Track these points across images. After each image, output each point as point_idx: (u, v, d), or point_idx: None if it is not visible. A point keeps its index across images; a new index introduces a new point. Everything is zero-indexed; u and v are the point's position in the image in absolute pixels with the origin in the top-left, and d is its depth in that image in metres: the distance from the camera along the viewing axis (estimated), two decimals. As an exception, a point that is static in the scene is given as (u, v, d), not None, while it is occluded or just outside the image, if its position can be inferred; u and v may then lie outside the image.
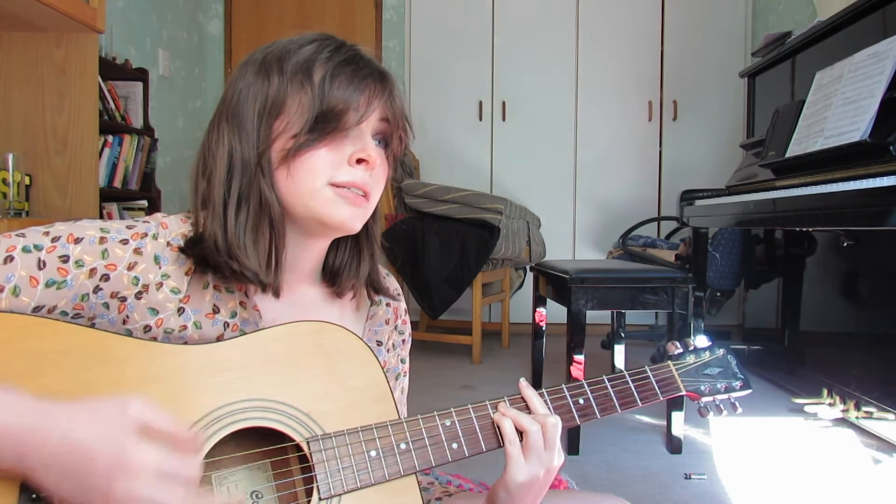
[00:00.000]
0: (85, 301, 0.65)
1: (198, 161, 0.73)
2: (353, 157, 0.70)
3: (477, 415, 0.74)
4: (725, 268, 3.04)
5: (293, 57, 0.70)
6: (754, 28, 3.93)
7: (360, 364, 0.72)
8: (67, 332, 0.61)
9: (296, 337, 0.70)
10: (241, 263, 0.68)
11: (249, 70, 0.72)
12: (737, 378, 0.88)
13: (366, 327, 0.85)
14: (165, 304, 0.68)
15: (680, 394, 0.85)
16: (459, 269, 3.03)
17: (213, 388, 0.64)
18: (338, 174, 0.70)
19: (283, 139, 0.69)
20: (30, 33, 2.26)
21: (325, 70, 0.70)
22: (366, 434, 0.68)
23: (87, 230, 0.66)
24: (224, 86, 2.66)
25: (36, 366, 0.58)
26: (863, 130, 1.80)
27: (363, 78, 0.70)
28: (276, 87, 0.70)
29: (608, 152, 4.01)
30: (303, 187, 0.69)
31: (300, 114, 0.69)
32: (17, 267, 0.62)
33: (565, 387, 0.79)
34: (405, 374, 0.91)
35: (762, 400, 2.50)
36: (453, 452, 0.71)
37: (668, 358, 0.88)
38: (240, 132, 0.70)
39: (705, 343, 0.90)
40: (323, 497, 0.65)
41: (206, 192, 0.71)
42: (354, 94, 0.69)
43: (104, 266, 0.65)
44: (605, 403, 0.79)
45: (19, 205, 2.20)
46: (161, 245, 0.69)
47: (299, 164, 0.69)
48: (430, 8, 4.06)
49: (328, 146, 0.69)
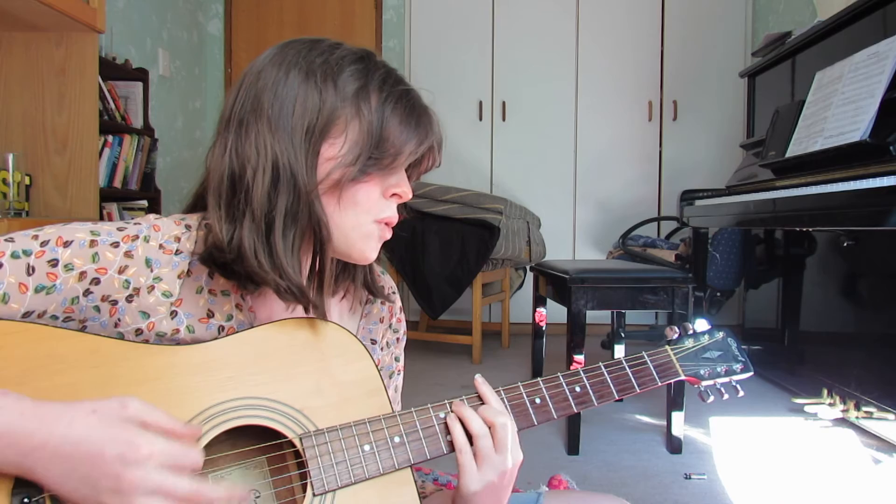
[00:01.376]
0: (75, 304, 0.64)
1: (224, 166, 0.68)
2: (388, 190, 0.72)
3: (471, 406, 0.74)
4: (725, 268, 3.04)
5: (346, 74, 0.68)
6: (754, 28, 3.93)
7: (353, 359, 0.72)
8: (57, 337, 0.61)
9: (287, 334, 0.70)
10: (290, 281, 0.67)
11: (294, 76, 0.68)
12: (737, 361, 0.86)
13: (360, 326, 0.85)
14: (157, 307, 0.67)
15: (679, 378, 0.83)
16: (459, 269, 3.03)
17: (205, 388, 0.64)
18: (381, 211, 0.71)
19: (334, 166, 0.67)
20: (30, 33, 2.26)
21: (380, 99, 0.69)
22: (359, 428, 0.68)
23: (76, 233, 0.65)
24: (225, 85, 2.66)
25: (27, 371, 0.58)
26: (863, 130, 1.80)
27: (419, 118, 0.71)
28: (331, 104, 0.67)
29: (608, 152, 4.01)
30: (347, 218, 0.70)
31: (354, 143, 0.68)
32: (6, 273, 0.61)
33: (541, 380, 0.78)
34: (399, 372, 0.91)
35: (762, 400, 2.50)
36: (448, 445, 0.71)
37: (666, 342, 0.86)
38: (286, 144, 0.66)
39: (705, 326, 0.88)
40: (317, 493, 0.65)
41: (241, 202, 0.67)
42: (411, 136, 0.70)
43: (94, 270, 0.64)
44: (602, 390, 0.78)
45: (19, 205, 2.20)
46: (153, 248, 0.67)
47: (349, 195, 0.69)
48: (430, 8, 4.06)
49: (373, 180, 0.70)
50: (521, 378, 0.78)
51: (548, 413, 0.76)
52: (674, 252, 3.26)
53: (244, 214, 0.67)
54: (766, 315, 2.95)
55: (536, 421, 0.76)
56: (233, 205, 0.67)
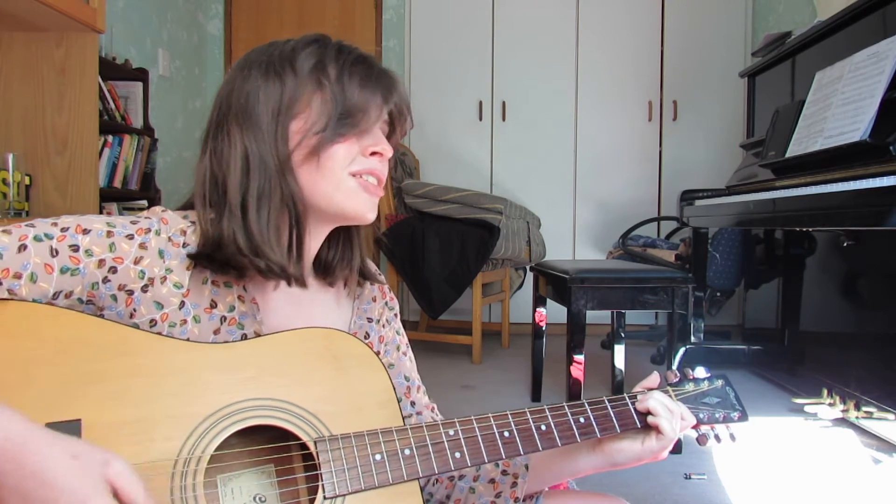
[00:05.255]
0: (96, 290, 0.66)
1: (205, 168, 0.73)
2: (367, 149, 0.75)
3: (480, 426, 0.75)
4: (725, 268, 3.04)
5: (302, 57, 0.73)
6: (754, 28, 3.93)
7: (368, 370, 0.74)
8: (88, 324, 0.62)
9: (307, 342, 0.72)
10: (268, 259, 0.70)
11: (255, 72, 0.73)
12: (735, 409, 0.89)
13: (355, 306, 0.87)
14: (169, 298, 0.70)
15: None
16: (459, 269, 3.03)
17: (225, 386, 0.66)
18: (355, 164, 0.74)
19: (306, 136, 0.72)
20: (30, 33, 2.26)
21: (338, 69, 0.73)
22: (371, 438, 0.70)
23: (94, 223, 0.67)
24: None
25: (60, 354, 0.60)
26: (863, 130, 1.80)
27: (378, 77, 0.75)
28: (292, 87, 0.72)
29: (608, 152, 4.01)
30: (327, 180, 0.73)
31: (322, 112, 0.72)
32: (31, 255, 0.63)
33: (566, 405, 0.80)
34: (406, 344, 0.94)
35: (762, 400, 2.50)
36: (456, 461, 0.72)
37: (667, 385, 0.89)
38: (255, 133, 0.72)
39: (704, 374, 0.91)
40: (328, 496, 0.66)
41: (220, 198, 0.72)
42: (373, 94, 0.74)
43: (112, 259, 0.67)
44: (606, 424, 0.80)
45: (19, 205, 2.20)
46: (163, 240, 0.70)
47: (326, 159, 0.72)
48: (430, 8, 4.06)
49: (348, 141, 0.73)
50: (521, 378, 0.78)
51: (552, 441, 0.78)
52: (674, 252, 3.26)
53: (223, 207, 0.71)
54: (766, 315, 2.95)
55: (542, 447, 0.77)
56: (213, 201, 0.72)
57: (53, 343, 0.60)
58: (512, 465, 0.85)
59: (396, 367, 0.90)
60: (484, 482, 0.85)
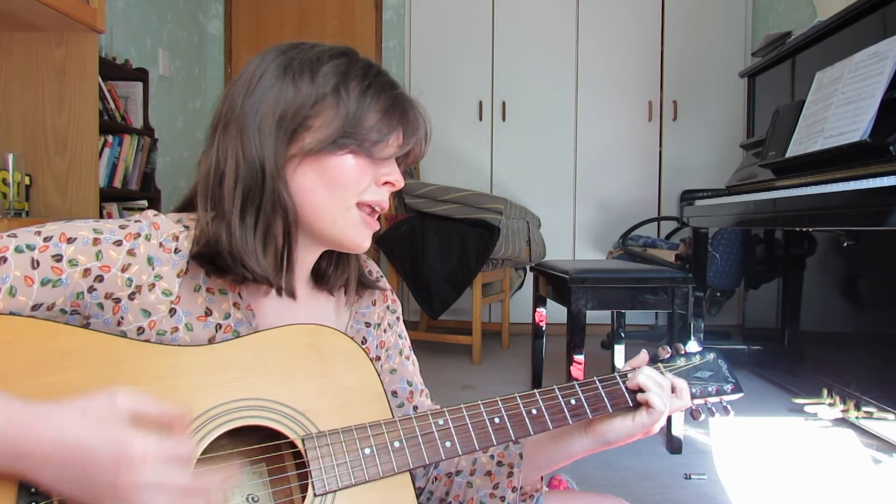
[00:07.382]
0: (80, 299, 0.65)
1: (209, 163, 0.71)
2: (381, 178, 0.74)
3: (469, 413, 0.74)
4: (725, 268, 3.04)
5: (326, 68, 0.70)
6: (754, 28, 3.93)
7: (355, 365, 0.73)
8: (68, 334, 0.61)
9: (291, 339, 0.71)
10: (248, 268, 0.69)
11: (270, 72, 0.71)
12: (728, 381, 0.88)
13: (352, 311, 0.86)
14: (157, 305, 0.68)
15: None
16: (459, 270, 3.03)
17: (210, 388, 0.65)
18: (367, 193, 0.73)
19: (308, 141, 0.69)
20: (30, 33, 2.26)
21: (361, 89, 0.70)
22: (360, 432, 0.69)
23: (80, 230, 0.65)
24: (225, 85, 2.65)
25: (37, 366, 0.59)
26: (863, 130, 1.80)
27: (404, 111, 0.73)
28: (305, 94, 0.69)
29: (608, 152, 4.01)
30: (335, 202, 0.71)
31: (329, 123, 0.69)
32: (11, 267, 0.61)
33: (556, 387, 0.79)
34: (409, 347, 0.93)
35: (762, 400, 2.50)
36: (447, 450, 0.72)
37: (658, 361, 0.88)
38: (257, 134, 0.69)
39: (696, 347, 0.90)
40: (318, 493, 0.65)
41: (218, 196, 0.70)
42: (395, 127, 0.72)
43: (98, 267, 0.65)
44: (598, 405, 0.79)
45: (19, 205, 2.20)
46: (154, 246, 0.68)
47: (336, 180, 0.70)
48: (430, 8, 4.06)
49: (364, 166, 0.71)
50: (522, 378, 0.78)
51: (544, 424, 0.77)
52: (674, 252, 3.26)
53: (219, 209, 0.70)
54: (766, 315, 2.95)
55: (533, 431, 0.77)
56: (212, 201, 0.70)
57: (30, 354, 0.59)
58: (507, 455, 0.85)
59: (399, 372, 0.88)
60: (480, 475, 0.85)
